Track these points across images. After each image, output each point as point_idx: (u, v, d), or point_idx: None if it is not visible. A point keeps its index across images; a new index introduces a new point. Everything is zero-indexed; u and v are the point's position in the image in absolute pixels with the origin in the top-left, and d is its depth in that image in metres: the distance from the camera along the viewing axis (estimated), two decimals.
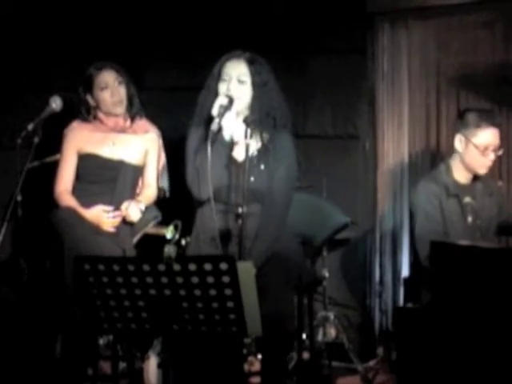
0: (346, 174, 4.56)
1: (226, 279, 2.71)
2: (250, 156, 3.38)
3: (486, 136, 3.74)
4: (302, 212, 3.80)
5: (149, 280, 2.77)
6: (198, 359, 3.30)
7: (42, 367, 3.74)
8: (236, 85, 3.47)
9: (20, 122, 3.95)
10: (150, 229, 3.99)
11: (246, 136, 3.35)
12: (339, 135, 4.62)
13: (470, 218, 3.77)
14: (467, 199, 3.79)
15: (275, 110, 3.52)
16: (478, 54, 4.38)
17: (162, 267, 2.74)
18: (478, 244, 3.58)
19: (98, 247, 3.66)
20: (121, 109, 4.05)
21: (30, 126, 3.80)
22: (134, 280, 2.78)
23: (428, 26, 4.49)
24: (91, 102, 4.05)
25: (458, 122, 3.84)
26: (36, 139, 3.76)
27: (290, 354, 3.88)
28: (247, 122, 3.41)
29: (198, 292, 2.75)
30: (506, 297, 2.97)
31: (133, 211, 3.87)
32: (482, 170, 3.80)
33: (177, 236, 3.78)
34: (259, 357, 3.43)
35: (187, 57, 4.74)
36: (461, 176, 3.82)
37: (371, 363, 4.27)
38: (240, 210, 3.27)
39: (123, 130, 4.08)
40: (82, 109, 4.06)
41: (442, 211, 3.75)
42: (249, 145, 3.34)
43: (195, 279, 2.73)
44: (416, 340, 3.24)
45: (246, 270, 2.71)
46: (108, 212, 3.86)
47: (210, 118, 3.38)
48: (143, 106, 4.18)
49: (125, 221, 3.89)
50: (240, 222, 3.27)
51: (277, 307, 3.16)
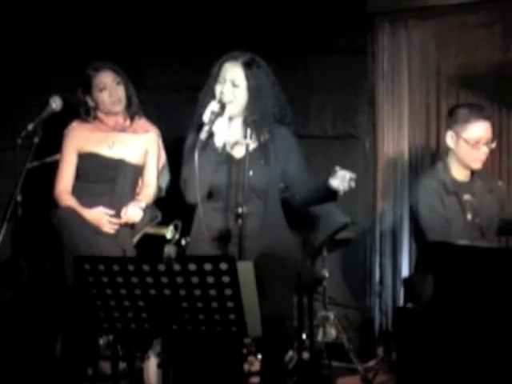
0: None
1: (225, 279, 2.71)
2: (250, 151, 3.38)
3: (476, 129, 3.73)
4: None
5: (149, 280, 2.77)
6: (198, 359, 3.30)
7: (41, 367, 3.74)
8: (230, 88, 3.47)
9: (20, 122, 3.95)
10: (150, 229, 3.99)
11: (245, 136, 3.36)
12: (339, 135, 4.62)
13: (469, 216, 3.76)
14: (466, 196, 3.78)
15: (269, 115, 3.52)
16: (478, 53, 4.38)
17: (161, 267, 2.74)
18: (478, 244, 3.58)
19: (98, 247, 3.66)
20: (120, 107, 4.05)
21: (30, 126, 3.80)
22: (134, 280, 2.78)
23: (428, 26, 4.49)
24: (90, 103, 4.06)
25: (449, 118, 3.84)
26: (36, 139, 3.76)
27: (290, 353, 3.89)
28: (247, 122, 3.41)
29: (197, 292, 2.75)
30: (506, 297, 2.97)
31: (133, 212, 3.87)
32: (476, 164, 3.78)
33: (177, 236, 3.78)
34: (259, 357, 3.43)
35: (187, 57, 4.73)
36: (458, 173, 3.82)
37: (371, 363, 4.27)
38: (240, 210, 3.27)
39: (123, 130, 4.08)
40: (81, 110, 4.07)
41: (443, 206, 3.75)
42: (249, 145, 3.35)
43: (195, 279, 2.73)
44: (416, 340, 3.24)
45: (246, 270, 2.72)
46: (110, 216, 3.86)
47: (202, 124, 3.39)
48: (143, 105, 4.18)
49: (126, 223, 3.89)
50: (240, 221, 3.28)
51: (276, 307, 3.16)
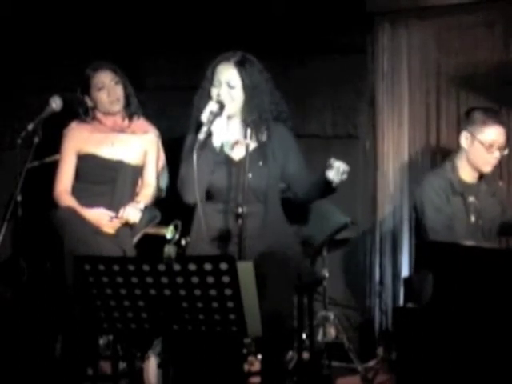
0: None
1: (225, 279, 2.71)
2: (248, 152, 3.39)
3: (492, 133, 3.75)
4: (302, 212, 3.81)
5: (149, 280, 2.77)
6: (198, 359, 3.30)
7: (42, 367, 3.74)
8: (226, 90, 3.48)
9: (20, 122, 3.95)
10: (150, 229, 3.99)
11: (245, 136, 3.36)
12: (339, 135, 4.62)
13: (472, 218, 3.78)
14: (471, 198, 3.80)
15: (267, 112, 3.53)
16: (478, 53, 4.38)
17: (161, 267, 2.74)
18: (479, 244, 3.59)
19: (98, 247, 3.66)
20: (118, 106, 4.05)
21: (30, 126, 3.80)
22: (134, 280, 2.78)
23: (428, 26, 4.49)
24: (89, 103, 4.06)
25: (465, 119, 3.87)
26: (36, 139, 3.76)
27: (290, 353, 3.89)
28: (247, 122, 3.41)
29: (198, 292, 2.75)
30: (506, 297, 2.97)
31: (131, 213, 3.87)
32: (487, 168, 3.80)
33: (177, 236, 3.78)
34: (259, 357, 3.43)
35: (187, 57, 4.73)
36: (466, 175, 3.83)
37: (371, 363, 4.26)
38: (240, 210, 3.27)
39: (122, 130, 4.08)
40: (80, 110, 4.07)
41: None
42: (249, 145, 3.35)
43: (195, 279, 2.73)
44: (416, 340, 3.24)
45: (246, 270, 2.71)
46: (109, 217, 3.86)
47: (200, 125, 3.39)
48: (142, 106, 4.18)
49: (126, 224, 3.89)
50: (240, 221, 3.28)
51: (277, 307, 3.16)
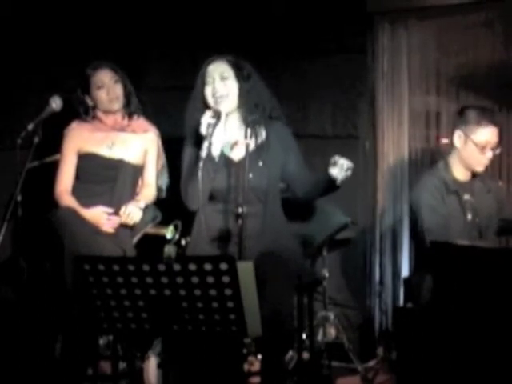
0: None
1: (225, 279, 2.71)
2: (248, 153, 3.39)
3: (486, 134, 3.74)
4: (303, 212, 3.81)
5: (149, 280, 2.77)
6: (198, 359, 3.30)
7: (42, 367, 3.74)
8: (220, 83, 3.52)
9: (20, 122, 3.95)
10: (150, 229, 3.99)
11: (245, 136, 3.36)
12: (339, 135, 4.62)
13: (469, 216, 3.77)
14: (466, 196, 3.79)
15: (264, 101, 3.57)
16: (478, 53, 4.38)
17: (162, 267, 2.74)
18: (478, 244, 3.59)
19: (98, 247, 3.66)
20: (118, 105, 4.05)
21: (30, 126, 3.80)
22: (134, 280, 2.78)
23: (428, 26, 4.49)
24: (89, 102, 4.06)
25: (458, 118, 3.85)
26: (36, 139, 3.76)
27: (290, 353, 3.89)
28: (247, 121, 3.41)
29: (198, 292, 2.75)
30: (506, 297, 2.97)
31: (132, 213, 3.87)
32: (480, 168, 3.80)
33: (177, 236, 3.78)
34: (259, 357, 3.43)
35: (187, 57, 4.73)
36: (459, 173, 3.82)
37: (371, 363, 4.26)
38: (240, 210, 3.27)
39: (122, 129, 4.08)
40: (80, 109, 4.07)
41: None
42: (249, 145, 3.35)
43: (195, 279, 2.73)
44: (416, 340, 3.24)
45: (246, 270, 2.71)
46: (109, 214, 3.86)
47: (199, 134, 3.41)
48: (142, 105, 4.18)
49: (127, 225, 3.89)
50: (240, 221, 3.28)
51: (277, 307, 3.16)
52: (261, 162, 3.52)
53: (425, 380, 3.19)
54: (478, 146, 3.73)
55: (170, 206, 4.11)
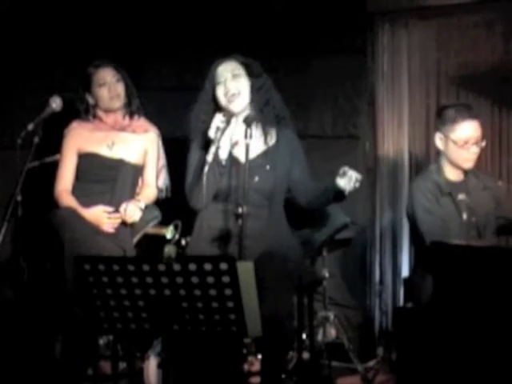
0: None
1: (225, 279, 2.71)
2: (255, 156, 3.40)
3: (464, 129, 3.72)
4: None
5: (149, 280, 2.77)
6: (198, 359, 3.30)
7: (42, 367, 3.74)
8: (232, 81, 3.53)
9: (20, 122, 3.95)
10: (150, 229, 3.99)
11: (246, 136, 3.36)
12: (339, 135, 4.62)
13: (464, 216, 3.76)
14: (461, 196, 3.78)
15: (274, 100, 3.58)
16: (478, 53, 4.38)
17: (162, 267, 2.74)
18: (476, 243, 3.58)
19: (98, 247, 3.66)
20: (118, 103, 4.05)
21: (30, 126, 3.80)
22: (134, 280, 2.78)
23: (428, 26, 4.49)
24: (90, 101, 4.06)
25: (436, 120, 3.84)
26: (36, 139, 3.75)
27: (290, 354, 3.89)
28: (247, 122, 3.41)
29: (197, 292, 2.75)
30: (505, 296, 2.97)
31: (132, 211, 3.87)
32: (467, 164, 3.78)
33: (177, 236, 3.78)
34: (259, 357, 3.43)
35: (187, 57, 4.73)
36: (451, 174, 3.81)
37: (371, 363, 4.26)
38: (240, 210, 3.27)
39: (123, 128, 4.08)
40: (81, 108, 4.07)
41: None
42: (249, 145, 3.34)
43: (195, 279, 2.73)
44: (416, 340, 3.24)
45: (246, 270, 2.71)
46: (108, 213, 3.87)
47: (207, 137, 3.41)
48: (142, 105, 4.18)
49: (125, 223, 3.89)
50: (240, 221, 3.28)
51: (277, 307, 3.16)
52: (268, 166, 3.53)
53: (425, 380, 3.18)
54: (459, 144, 3.71)
55: (170, 206, 4.11)
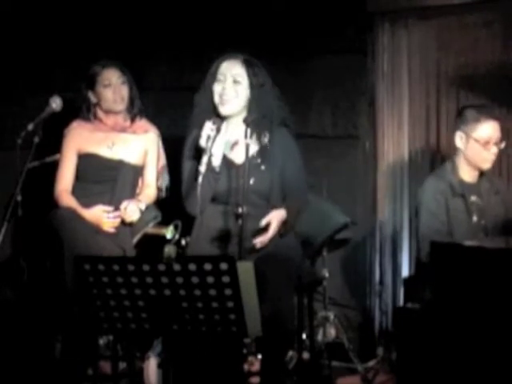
0: (345, 174, 4.56)
1: (225, 279, 2.71)
2: (250, 156, 3.39)
3: (486, 129, 3.75)
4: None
5: (149, 280, 2.77)
6: (198, 359, 3.30)
7: (42, 367, 3.74)
8: (231, 85, 3.48)
9: (20, 122, 3.95)
10: (150, 229, 3.98)
11: (246, 136, 3.36)
12: (339, 135, 4.62)
13: (475, 218, 3.76)
14: (473, 198, 3.79)
15: (272, 112, 3.54)
16: (478, 54, 4.38)
17: (162, 267, 2.74)
18: (480, 243, 3.58)
19: (98, 247, 3.66)
20: (121, 105, 4.05)
21: (30, 126, 3.80)
22: (134, 280, 2.78)
23: (428, 26, 4.49)
24: (92, 99, 4.06)
25: (457, 119, 3.86)
26: (36, 139, 3.76)
27: (290, 354, 3.89)
28: (247, 122, 3.41)
29: (197, 292, 2.75)
30: (506, 297, 2.97)
31: (131, 211, 3.87)
32: (486, 165, 3.80)
33: (177, 236, 3.78)
34: (259, 357, 3.43)
35: (187, 57, 4.74)
36: (466, 174, 3.82)
37: (371, 363, 4.26)
38: (240, 210, 3.27)
39: (123, 130, 4.08)
40: (83, 106, 4.07)
41: (447, 210, 3.75)
42: (249, 145, 3.34)
43: (195, 279, 2.73)
44: (416, 340, 3.24)
45: (246, 270, 2.71)
46: (108, 212, 3.87)
47: (199, 145, 3.40)
48: (144, 107, 4.18)
49: (124, 222, 3.89)
50: (240, 221, 3.28)
51: (277, 307, 3.16)
52: (263, 166, 3.51)
53: (425, 380, 3.18)
54: (481, 143, 3.74)
55: (170, 206, 4.11)
